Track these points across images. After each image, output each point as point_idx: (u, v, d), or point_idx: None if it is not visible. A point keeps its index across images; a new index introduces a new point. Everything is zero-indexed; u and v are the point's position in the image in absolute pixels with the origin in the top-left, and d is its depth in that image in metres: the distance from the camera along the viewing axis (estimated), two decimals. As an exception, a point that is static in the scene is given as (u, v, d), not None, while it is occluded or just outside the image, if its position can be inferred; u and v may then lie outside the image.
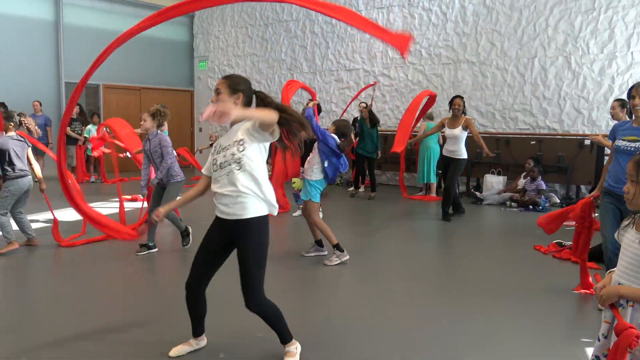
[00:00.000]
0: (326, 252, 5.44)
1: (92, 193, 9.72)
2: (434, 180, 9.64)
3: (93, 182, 11.22)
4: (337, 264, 5.14)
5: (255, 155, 2.76)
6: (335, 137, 5.25)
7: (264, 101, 2.87)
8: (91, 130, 11.27)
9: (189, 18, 15.18)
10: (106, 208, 8.03)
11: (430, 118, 9.80)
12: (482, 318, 3.80)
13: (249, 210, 2.77)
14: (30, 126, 5.80)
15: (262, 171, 2.80)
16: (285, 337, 3.02)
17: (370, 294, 4.39)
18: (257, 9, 13.77)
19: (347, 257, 5.23)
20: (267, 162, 5.37)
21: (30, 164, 5.70)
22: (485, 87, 10.28)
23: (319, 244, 5.47)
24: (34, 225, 6.13)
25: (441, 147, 8.72)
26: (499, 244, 6.34)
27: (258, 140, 2.76)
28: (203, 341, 3.22)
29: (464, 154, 7.40)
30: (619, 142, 3.85)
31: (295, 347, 3.05)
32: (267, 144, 2.84)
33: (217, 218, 2.89)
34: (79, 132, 11.27)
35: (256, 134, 2.73)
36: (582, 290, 4.33)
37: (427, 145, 9.52)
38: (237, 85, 2.85)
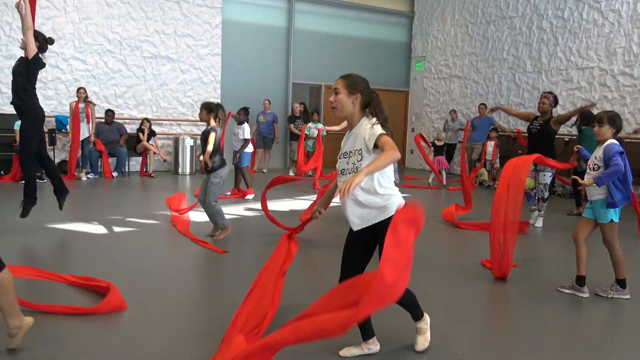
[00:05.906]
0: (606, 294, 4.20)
1: (308, 186, 10.40)
2: None
3: (310, 175, 11.97)
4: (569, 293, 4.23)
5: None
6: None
7: (374, 109, 2.83)
8: (311, 127, 12.03)
9: (408, 19, 15.27)
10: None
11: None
12: None
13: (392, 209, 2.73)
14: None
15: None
16: (417, 314, 3.03)
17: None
18: (479, 6, 13.20)
19: (587, 294, 4.14)
20: None
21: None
22: None
23: (620, 284, 4.15)
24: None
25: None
26: None
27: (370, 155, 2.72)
28: (375, 346, 2.98)
29: None
30: None
31: (425, 323, 3.05)
32: None
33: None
34: (300, 129, 12.12)
35: (369, 154, 2.71)
36: None
37: None
38: (355, 86, 2.82)
